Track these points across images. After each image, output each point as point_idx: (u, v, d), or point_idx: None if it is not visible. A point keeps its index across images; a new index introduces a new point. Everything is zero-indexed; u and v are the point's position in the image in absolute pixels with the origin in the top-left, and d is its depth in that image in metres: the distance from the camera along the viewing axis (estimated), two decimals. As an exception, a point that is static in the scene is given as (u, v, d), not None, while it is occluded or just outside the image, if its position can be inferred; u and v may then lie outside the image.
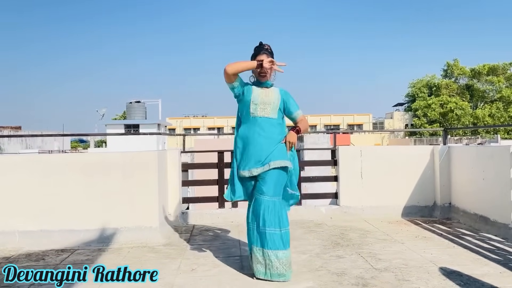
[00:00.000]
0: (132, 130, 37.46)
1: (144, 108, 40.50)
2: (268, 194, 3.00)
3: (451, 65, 53.81)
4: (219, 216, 5.03)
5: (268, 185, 3.01)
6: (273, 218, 2.97)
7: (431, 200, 5.29)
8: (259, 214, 2.99)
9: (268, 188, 3.01)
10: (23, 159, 4.41)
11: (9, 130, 32.05)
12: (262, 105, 3.13)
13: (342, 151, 5.32)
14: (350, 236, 4.29)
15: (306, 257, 3.56)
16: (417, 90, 54.47)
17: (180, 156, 5.13)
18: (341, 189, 5.27)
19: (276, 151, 3.06)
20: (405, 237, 4.19)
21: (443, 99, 50.57)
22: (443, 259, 3.45)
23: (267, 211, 2.98)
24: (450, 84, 52.69)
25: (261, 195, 3.01)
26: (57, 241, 4.03)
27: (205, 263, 3.44)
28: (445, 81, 52.89)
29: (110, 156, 4.32)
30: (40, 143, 31.99)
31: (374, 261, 3.42)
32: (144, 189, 4.21)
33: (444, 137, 5.68)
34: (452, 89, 52.46)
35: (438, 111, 50.52)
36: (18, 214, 4.11)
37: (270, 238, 2.95)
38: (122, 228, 4.14)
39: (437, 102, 50.68)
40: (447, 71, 54.63)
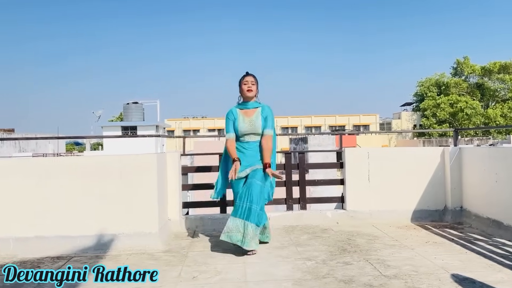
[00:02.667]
0: (130, 132, 37.51)
1: (142, 109, 40.57)
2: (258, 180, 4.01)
3: (461, 63, 53.76)
4: (221, 221, 5.02)
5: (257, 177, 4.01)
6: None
7: (442, 204, 5.28)
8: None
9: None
10: (17, 162, 4.42)
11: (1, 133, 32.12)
12: (247, 134, 4.10)
13: (349, 153, 5.31)
14: (358, 241, 4.28)
15: (311, 264, 3.56)
16: (425, 89, 54.44)
17: (180, 159, 5.14)
18: (348, 193, 5.26)
19: (260, 159, 4.11)
20: (415, 243, 4.18)
21: (452, 98, 50.52)
22: (455, 266, 3.43)
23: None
24: (460, 82, 52.64)
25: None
26: (52, 247, 4.03)
27: (206, 271, 3.44)
28: (455, 80, 52.85)
29: (107, 159, 4.33)
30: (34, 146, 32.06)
31: (383, 268, 3.41)
32: (143, 193, 4.21)
33: (455, 138, 5.67)
34: (462, 88, 52.41)
35: (447, 110, 50.48)
36: (12, 220, 4.11)
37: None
38: (120, 234, 4.14)
39: (446, 101, 50.63)
40: (457, 69, 54.60)
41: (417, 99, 57.78)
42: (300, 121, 58.83)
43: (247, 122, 4.09)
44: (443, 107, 50.64)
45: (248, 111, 4.13)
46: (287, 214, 5.22)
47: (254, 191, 3.87)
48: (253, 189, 3.87)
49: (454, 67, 55.05)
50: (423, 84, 55.39)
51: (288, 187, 5.32)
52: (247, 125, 4.08)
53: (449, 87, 52.25)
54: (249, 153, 4.09)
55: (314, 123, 58.82)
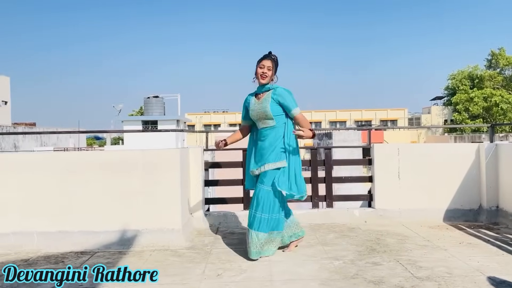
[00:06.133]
0: (150, 127, 38.01)
1: (163, 103, 41.05)
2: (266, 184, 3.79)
3: (496, 55, 52.33)
4: (244, 218, 5.04)
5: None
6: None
7: (476, 203, 5.17)
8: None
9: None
10: (40, 157, 4.53)
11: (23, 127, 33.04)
12: (259, 119, 3.88)
13: (378, 149, 5.25)
14: (387, 241, 4.24)
15: (339, 264, 3.54)
16: (457, 83, 53.24)
17: (203, 154, 5.18)
18: (377, 191, 5.20)
19: (271, 154, 3.80)
20: (448, 243, 4.12)
21: (486, 92, 49.27)
22: (491, 268, 3.36)
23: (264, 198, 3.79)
24: (495, 75, 51.29)
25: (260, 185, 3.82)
26: (76, 242, 4.13)
27: (231, 268, 3.47)
28: (489, 72, 51.51)
29: (130, 154, 4.39)
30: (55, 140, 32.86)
31: (414, 269, 3.37)
32: (166, 189, 4.26)
33: (491, 134, 5.53)
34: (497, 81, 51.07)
35: (481, 105, 49.29)
36: (36, 215, 4.22)
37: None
38: (143, 230, 4.21)
39: (480, 95, 49.42)
40: (491, 61, 53.17)
41: (449, 93, 56.63)
42: (324, 116, 58.46)
43: (257, 105, 3.88)
44: (476, 101, 49.47)
45: (260, 95, 3.93)
46: (312, 212, 5.21)
47: (259, 198, 3.76)
48: (259, 195, 3.76)
49: (489, 59, 53.64)
50: (455, 77, 54.20)
51: (314, 184, 5.30)
52: (256, 107, 3.87)
53: (483, 80, 50.98)
54: (261, 145, 3.87)
55: (339, 117, 58.39)
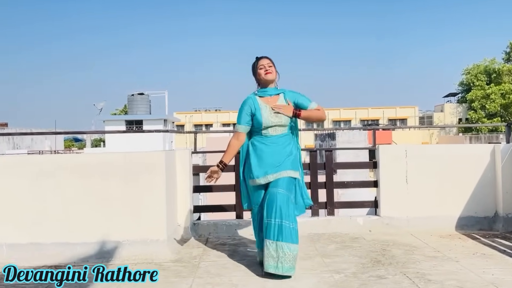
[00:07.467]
0: (135, 127, 37.96)
1: (148, 101, 41.02)
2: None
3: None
4: (237, 228, 5.05)
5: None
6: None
7: (492, 210, 5.20)
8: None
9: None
10: (11, 161, 4.51)
11: (-6, 128, 32.87)
12: (273, 127, 3.81)
13: (383, 150, 5.27)
14: (393, 252, 4.26)
15: (340, 277, 3.55)
16: (473, 78, 53.47)
17: (191, 157, 5.18)
18: (382, 197, 5.22)
19: (288, 161, 3.78)
20: (460, 254, 4.14)
21: (505, 87, 49.53)
22: (507, 281, 3.38)
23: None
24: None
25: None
26: (50, 255, 4.11)
27: (221, 283, 3.47)
28: (508, 66, 51.74)
29: (110, 157, 4.39)
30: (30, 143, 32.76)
31: (422, 283, 3.38)
32: (149, 195, 4.26)
33: (508, 134, 5.56)
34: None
35: (499, 102, 49.55)
36: (6, 224, 4.21)
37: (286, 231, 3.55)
38: (125, 241, 4.20)
39: (497, 91, 49.68)
40: (510, 54, 53.46)
41: (463, 89, 56.87)
42: (327, 114, 58.49)
43: (273, 116, 3.78)
44: (493, 98, 49.72)
45: (270, 98, 3.86)
46: (312, 220, 5.22)
47: (278, 202, 3.57)
48: (277, 200, 3.58)
49: (507, 52, 53.92)
50: (470, 72, 54.44)
51: (314, 190, 5.31)
52: (273, 115, 3.78)
53: (501, 75, 51.21)
54: (271, 151, 3.76)
55: (343, 116, 58.48)
